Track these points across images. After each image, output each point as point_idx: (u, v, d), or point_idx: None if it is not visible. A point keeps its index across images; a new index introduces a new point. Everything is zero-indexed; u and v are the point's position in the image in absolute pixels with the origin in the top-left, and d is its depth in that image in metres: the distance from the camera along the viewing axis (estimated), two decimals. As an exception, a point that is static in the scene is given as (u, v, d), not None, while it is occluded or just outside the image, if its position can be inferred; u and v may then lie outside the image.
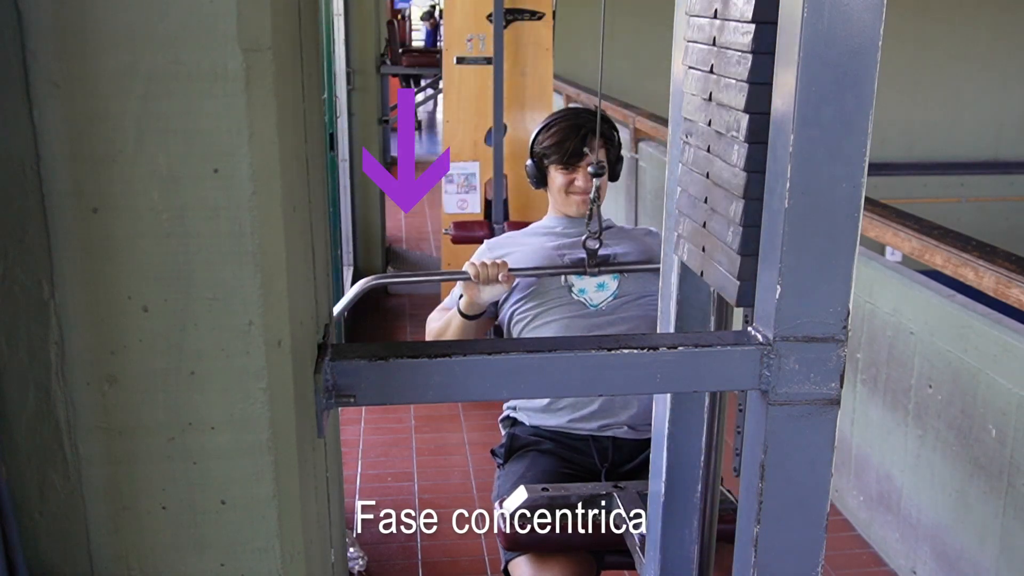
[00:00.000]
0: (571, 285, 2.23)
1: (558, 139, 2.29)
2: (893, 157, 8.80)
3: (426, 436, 3.84)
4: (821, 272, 1.03)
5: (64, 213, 0.80)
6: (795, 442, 1.08)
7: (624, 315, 2.20)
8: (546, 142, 2.31)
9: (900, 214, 3.05)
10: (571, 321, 2.20)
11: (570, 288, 2.23)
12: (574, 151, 2.26)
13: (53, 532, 0.88)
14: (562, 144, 2.28)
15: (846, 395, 1.50)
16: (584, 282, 2.23)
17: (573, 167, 2.28)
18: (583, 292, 2.22)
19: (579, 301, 2.22)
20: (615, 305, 2.21)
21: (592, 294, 2.22)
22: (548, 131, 2.33)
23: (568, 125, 2.31)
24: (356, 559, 2.92)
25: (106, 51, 0.77)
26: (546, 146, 2.31)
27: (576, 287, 2.23)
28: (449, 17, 4.63)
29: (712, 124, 1.17)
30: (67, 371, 0.84)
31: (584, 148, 2.26)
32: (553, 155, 2.29)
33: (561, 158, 2.27)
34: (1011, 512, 2.41)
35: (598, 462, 2.15)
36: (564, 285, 2.23)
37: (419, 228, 7.41)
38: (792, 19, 0.97)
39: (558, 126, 2.32)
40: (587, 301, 2.22)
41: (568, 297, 2.22)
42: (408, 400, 1.07)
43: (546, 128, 2.34)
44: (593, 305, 2.21)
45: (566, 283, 2.23)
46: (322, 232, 1.17)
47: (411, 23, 16.63)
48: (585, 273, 2.22)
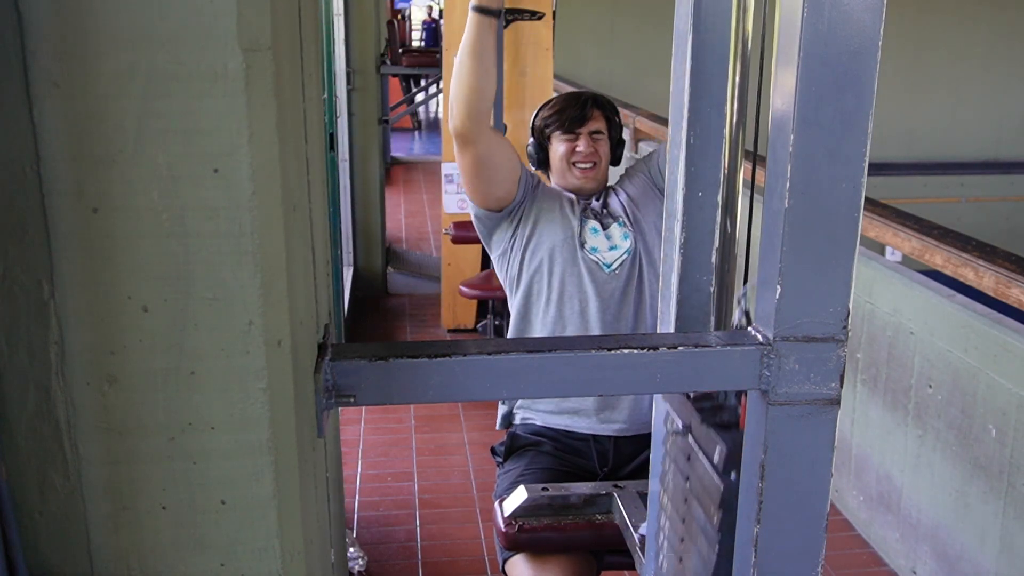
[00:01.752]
0: (584, 241, 2.18)
1: (559, 108, 2.29)
2: (893, 157, 8.81)
3: (426, 436, 3.84)
4: (821, 272, 1.03)
5: (64, 213, 0.80)
6: (795, 442, 1.08)
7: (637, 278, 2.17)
8: (547, 112, 2.31)
9: (900, 214, 3.05)
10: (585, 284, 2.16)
11: (583, 244, 2.18)
12: (575, 117, 2.25)
13: (53, 532, 0.88)
14: (564, 111, 2.27)
15: (846, 395, 1.50)
16: (597, 239, 2.19)
17: (575, 133, 2.26)
18: (595, 251, 2.18)
19: (593, 262, 2.17)
20: (628, 266, 2.17)
21: (605, 253, 2.18)
22: (548, 104, 2.34)
23: (569, 95, 2.33)
24: (356, 559, 2.92)
25: (106, 51, 0.77)
26: (546, 116, 2.30)
27: (588, 244, 2.18)
28: (449, 17, 4.63)
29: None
30: (67, 371, 0.84)
31: (586, 113, 2.25)
32: (554, 122, 2.27)
33: (562, 124, 2.26)
34: (1011, 512, 2.41)
35: (597, 465, 2.15)
36: (576, 241, 2.18)
37: (419, 228, 7.41)
38: (792, 19, 0.97)
39: (558, 98, 2.34)
40: (600, 261, 2.17)
41: (581, 254, 2.17)
42: (408, 400, 1.07)
43: (547, 104, 2.35)
44: (607, 265, 2.17)
45: (579, 238, 2.20)
46: (322, 232, 1.17)
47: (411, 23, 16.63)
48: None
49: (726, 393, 1.30)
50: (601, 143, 2.25)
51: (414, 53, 11.24)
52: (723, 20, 1.29)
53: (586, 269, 2.16)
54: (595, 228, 2.19)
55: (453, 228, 4.31)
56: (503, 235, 2.23)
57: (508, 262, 2.24)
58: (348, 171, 5.34)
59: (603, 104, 2.30)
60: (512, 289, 2.24)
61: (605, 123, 2.28)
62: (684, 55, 1.32)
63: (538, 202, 2.21)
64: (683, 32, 1.32)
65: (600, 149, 2.25)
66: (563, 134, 2.25)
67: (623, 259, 2.17)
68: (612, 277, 2.16)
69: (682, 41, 1.33)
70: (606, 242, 2.19)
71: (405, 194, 8.69)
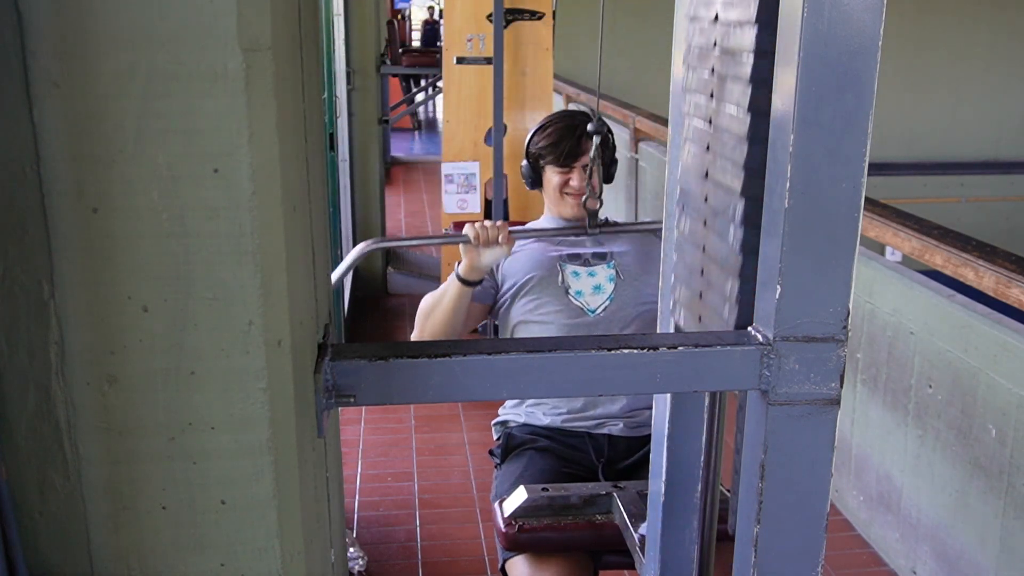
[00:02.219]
0: (568, 287, 2.22)
1: (554, 140, 2.30)
2: (893, 157, 8.80)
3: (426, 436, 3.84)
4: (821, 272, 1.03)
5: (64, 213, 0.80)
6: (795, 442, 1.08)
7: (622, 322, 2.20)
8: (542, 142, 2.33)
9: (900, 214, 3.05)
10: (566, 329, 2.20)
11: (567, 290, 2.22)
12: (570, 151, 2.27)
13: (53, 532, 0.88)
14: (558, 144, 2.29)
15: (846, 395, 1.50)
16: (581, 283, 2.22)
17: (569, 167, 2.29)
18: (580, 295, 2.21)
19: (576, 306, 2.21)
20: (612, 311, 2.21)
21: (588, 297, 2.21)
22: (544, 132, 2.34)
23: (564, 126, 2.32)
24: (356, 559, 2.92)
25: (106, 51, 0.77)
26: (542, 146, 2.32)
27: (572, 289, 2.22)
28: (449, 17, 4.63)
29: (708, 201, 1.18)
30: (67, 371, 0.84)
31: (580, 147, 2.27)
32: (549, 155, 2.30)
33: (557, 158, 2.29)
34: (1011, 512, 2.41)
35: (594, 459, 2.15)
36: (560, 287, 2.23)
37: (419, 228, 7.41)
38: (792, 19, 0.97)
39: (554, 127, 2.33)
40: (584, 306, 2.21)
41: (565, 300, 2.22)
42: (408, 400, 1.07)
43: (541, 129, 2.36)
44: (591, 311, 2.21)
45: (563, 284, 2.23)
46: (322, 232, 1.17)
47: (411, 23, 16.63)
48: (585, 233, 2.22)
49: None
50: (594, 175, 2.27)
51: (414, 53, 11.25)
52: (723, 20, 1.28)
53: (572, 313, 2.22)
54: (576, 272, 2.22)
55: (453, 228, 4.31)
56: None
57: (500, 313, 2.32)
58: (348, 171, 5.34)
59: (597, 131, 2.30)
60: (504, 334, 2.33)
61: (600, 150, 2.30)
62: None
63: (511, 277, 2.27)
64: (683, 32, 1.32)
65: (593, 180, 2.26)
66: (557, 167, 2.29)
67: (606, 304, 2.20)
68: (597, 320, 2.20)
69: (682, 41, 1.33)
70: (590, 281, 2.22)
71: (405, 194, 8.69)
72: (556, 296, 2.22)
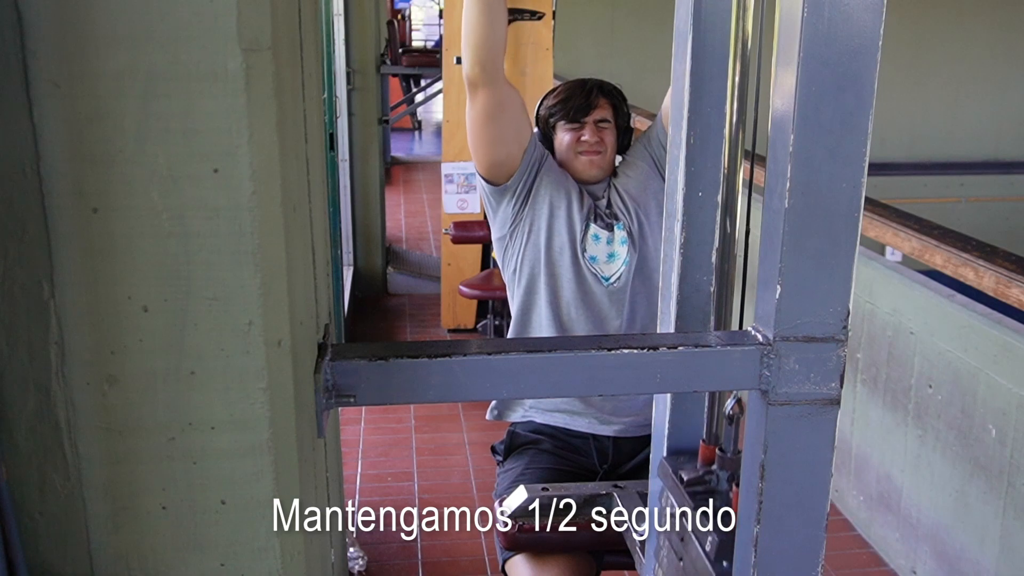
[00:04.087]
0: (584, 249, 2.15)
1: (564, 96, 2.26)
2: (893, 157, 8.80)
3: (426, 436, 3.84)
4: (821, 272, 1.03)
5: (64, 213, 0.80)
6: (795, 442, 1.08)
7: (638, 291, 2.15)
8: (551, 101, 2.28)
9: (900, 214, 3.05)
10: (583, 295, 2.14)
11: (583, 252, 2.15)
12: (580, 106, 2.23)
13: (53, 532, 0.88)
14: (568, 100, 2.24)
15: (846, 395, 1.50)
16: (598, 248, 2.16)
17: (580, 122, 2.23)
18: (594, 261, 2.15)
19: (591, 273, 2.16)
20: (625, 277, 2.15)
21: (603, 265, 2.16)
22: (553, 92, 2.31)
23: (574, 83, 2.29)
24: (356, 559, 2.92)
25: (106, 51, 0.77)
26: (551, 105, 2.27)
27: (588, 254, 2.15)
28: (449, 17, 4.63)
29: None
30: (67, 371, 0.84)
31: (591, 101, 2.22)
32: (559, 112, 2.25)
33: (567, 114, 2.23)
34: (1011, 512, 2.41)
35: (597, 462, 2.14)
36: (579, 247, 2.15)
37: (419, 228, 7.41)
38: (792, 19, 0.97)
39: (563, 86, 2.30)
40: (599, 273, 2.16)
41: (578, 266, 2.14)
42: (408, 400, 1.07)
43: (551, 92, 2.33)
44: (605, 278, 2.15)
45: (581, 244, 2.15)
46: (322, 232, 1.17)
47: (411, 23, 16.62)
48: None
49: (718, 478, 1.34)
50: (607, 131, 2.22)
51: (414, 53, 11.24)
52: (723, 20, 1.29)
53: (585, 278, 2.15)
54: (596, 235, 2.16)
55: (453, 228, 4.31)
56: (505, 216, 2.19)
57: (509, 250, 2.21)
58: (348, 171, 5.33)
59: (609, 92, 2.27)
60: (513, 284, 2.22)
61: (611, 111, 2.24)
62: (684, 55, 1.32)
63: (545, 188, 2.17)
64: (683, 32, 1.32)
65: (606, 138, 2.21)
66: (568, 123, 2.22)
67: (620, 272, 2.14)
68: (610, 290, 2.15)
69: (682, 41, 1.33)
70: (606, 249, 2.16)
71: (405, 194, 8.69)
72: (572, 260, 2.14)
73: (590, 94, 2.23)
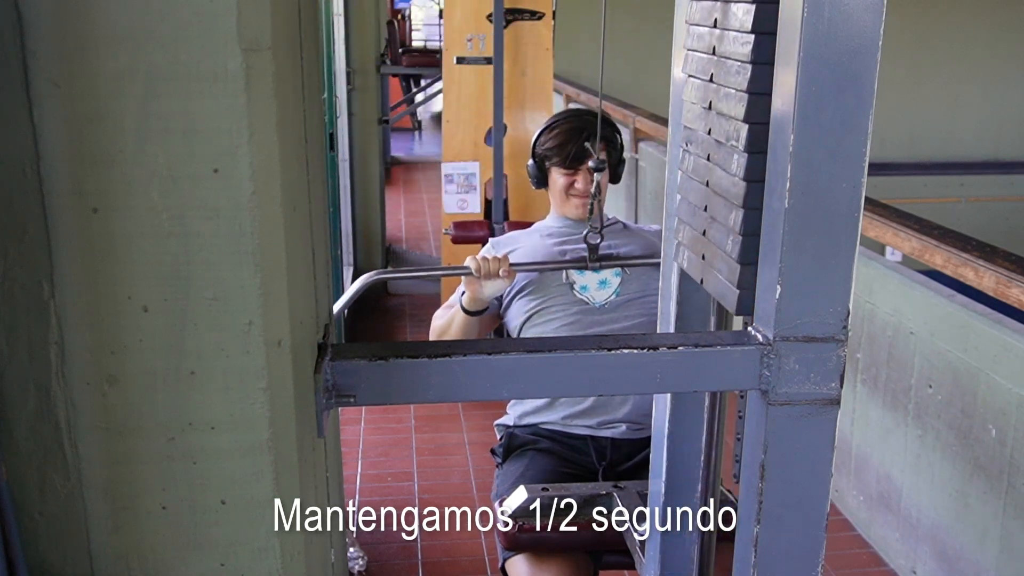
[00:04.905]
0: (572, 283, 2.23)
1: (560, 141, 2.30)
2: (893, 157, 8.80)
3: (426, 436, 3.84)
4: (821, 272, 1.03)
5: (64, 213, 0.80)
6: (795, 442, 1.08)
7: (627, 313, 2.20)
8: (548, 143, 2.33)
9: (900, 214, 3.05)
10: (573, 319, 2.20)
11: (571, 286, 2.23)
12: (576, 154, 2.27)
13: (53, 532, 0.88)
14: (564, 146, 2.29)
15: (846, 395, 1.50)
16: (586, 279, 2.23)
17: (574, 169, 2.29)
18: (585, 289, 2.22)
19: (581, 299, 2.22)
20: (617, 303, 2.21)
21: (594, 292, 2.22)
22: (550, 132, 2.34)
23: (570, 127, 2.32)
24: (356, 559, 2.92)
25: (106, 51, 0.77)
26: (548, 147, 2.32)
27: (578, 284, 2.23)
28: (449, 17, 4.63)
29: (712, 133, 1.17)
30: (67, 371, 0.84)
31: (586, 150, 2.27)
32: (555, 156, 2.31)
33: (563, 160, 2.29)
34: (1011, 512, 2.41)
35: (596, 461, 2.15)
36: (565, 283, 2.23)
37: (419, 228, 7.41)
38: (792, 19, 0.97)
39: (560, 127, 2.33)
40: (589, 299, 2.21)
41: (570, 295, 2.22)
42: (408, 400, 1.07)
43: (548, 129, 2.35)
44: (596, 303, 2.21)
45: (567, 280, 2.23)
46: (322, 232, 1.17)
47: (411, 23, 16.62)
48: (586, 268, 2.23)
49: None
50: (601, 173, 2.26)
51: (414, 53, 11.24)
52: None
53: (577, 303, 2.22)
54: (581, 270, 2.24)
55: (453, 228, 4.31)
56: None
57: (506, 312, 2.32)
58: (348, 171, 5.33)
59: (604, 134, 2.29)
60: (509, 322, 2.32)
61: (606, 152, 2.30)
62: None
63: (521, 289, 2.26)
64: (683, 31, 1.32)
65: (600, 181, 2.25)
66: (563, 169, 2.29)
67: (611, 297, 2.20)
68: (603, 310, 2.21)
69: (682, 41, 1.33)
70: (595, 277, 2.23)
71: (405, 194, 8.69)
72: (561, 292, 2.22)
73: (585, 142, 2.26)
